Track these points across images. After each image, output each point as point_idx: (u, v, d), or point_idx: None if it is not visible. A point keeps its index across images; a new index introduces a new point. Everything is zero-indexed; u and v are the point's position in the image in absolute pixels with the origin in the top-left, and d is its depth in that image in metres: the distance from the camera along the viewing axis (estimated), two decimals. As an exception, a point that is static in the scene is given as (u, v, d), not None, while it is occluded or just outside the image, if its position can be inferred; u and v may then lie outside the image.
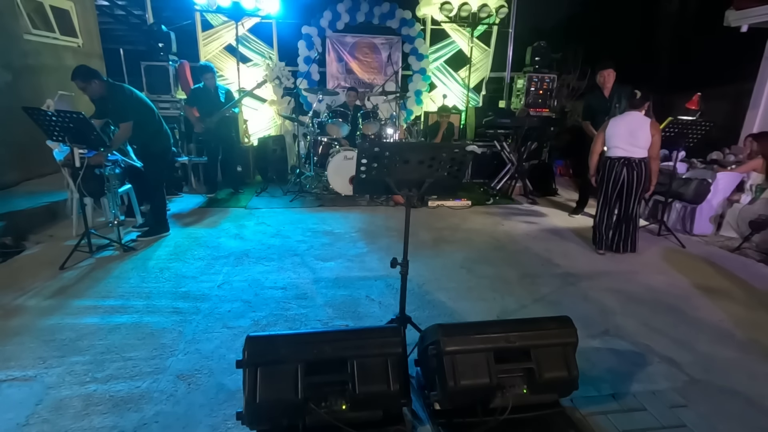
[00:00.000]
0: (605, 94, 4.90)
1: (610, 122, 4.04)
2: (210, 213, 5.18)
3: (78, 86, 3.68)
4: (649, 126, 3.88)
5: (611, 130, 4.00)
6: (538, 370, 1.86)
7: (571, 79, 8.44)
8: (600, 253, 4.17)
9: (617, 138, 3.96)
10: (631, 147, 3.91)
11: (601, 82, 4.90)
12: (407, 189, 2.18)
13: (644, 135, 3.87)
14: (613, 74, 4.85)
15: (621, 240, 4.15)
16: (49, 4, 6.03)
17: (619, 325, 2.89)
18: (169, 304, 3.01)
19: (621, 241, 4.15)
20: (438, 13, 7.37)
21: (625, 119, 3.96)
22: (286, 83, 7.26)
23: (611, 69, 4.85)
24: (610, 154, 4.04)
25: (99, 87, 3.69)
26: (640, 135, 3.88)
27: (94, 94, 3.77)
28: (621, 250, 4.15)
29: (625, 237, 4.14)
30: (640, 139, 3.88)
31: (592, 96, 5.14)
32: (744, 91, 6.43)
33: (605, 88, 4.89)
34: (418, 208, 5.53)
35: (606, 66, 4.87)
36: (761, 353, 2.62)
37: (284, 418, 1.74)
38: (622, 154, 3.96)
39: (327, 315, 2.92)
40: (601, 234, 4.19)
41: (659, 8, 9.36)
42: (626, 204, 4.06)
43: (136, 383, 2.20)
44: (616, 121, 4.01)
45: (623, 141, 3.93)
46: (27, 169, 5.49)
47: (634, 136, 3.89)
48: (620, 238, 4.15)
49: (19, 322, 2.72)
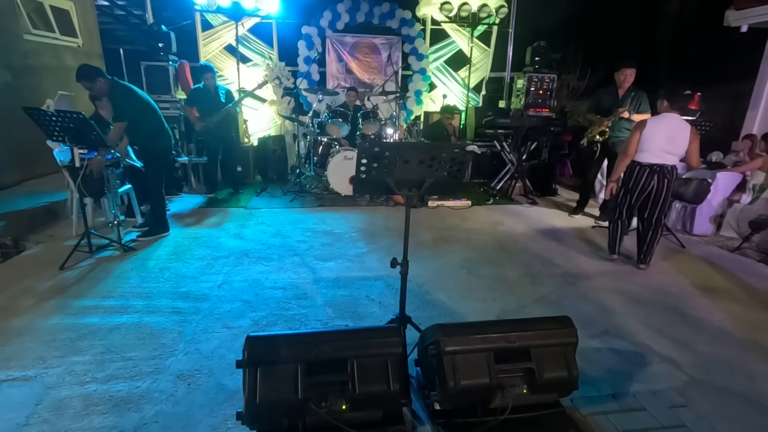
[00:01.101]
0: (619, 93, 4.75)
1: (648, 122, 3.61)
2: (210, 213, 5.18)
3: (84, 87, 3.70)
4: (689, 132, 3.48)
5: (650, 131, 3.55)
6: (538, 370, 1.86)
7: (571, 79, 8.44)
8: (613, 258, 3.96)
9: (653, 141, 3.53)
10: (666, 154, 3.54)
11: (621, 80, 4.70)
12: (407, 189, 2.18)
13: (683, 141, 3.48)
14: (634, 74, 4.67)
15: (643, 251, 3.81)
16: (49, 4, 6.03)
17: (619, 325, 2.88)
18: (169, 304, 3.01)
19: (643, 253, 3.81)
20: (438, 13, 7.37)
21: (664, 121, 3.53)
22: (286, 83, 7.26)
23: (634, 68, 4.65)
24: (640, 158, 3.64)
25: (104, 85, 3.70)
26: (678, 140, 3.49)
27: (100, 93, 3.78)
28: (640, 261, 3.83)
29: (647, 249, 3.79)
30: (677, 145, 3.51)
31: (604, 91, 4.95)
32: (744, 91, 6.43)
33: (621, 87, 4.73)
34: (418, 208, 5.53)
35: (629, 64, 4.66)
36: (761, 353, 2.62)
37: (284, 418, 1.74)
38: (654, 160, 3.57)
39: (327, 315, 2.92)
40: (616, 239, 3.94)
41: (659, 8, 9.36)
42: (651, 213, 3.71)
43: (136, 383, 2.20)
44: (655, 123, 3.57)
45: (659, 146, 3.53)
46: (27, 169, 5.49)
47: (672, 142, 3.49)
48: (641, 249, 3.83)
49: (19, 322, 2.72)
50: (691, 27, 8.40)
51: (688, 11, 8.90)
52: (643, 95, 4.71)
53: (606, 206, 5.22)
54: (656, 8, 9.27)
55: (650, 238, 3.77)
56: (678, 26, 9.01)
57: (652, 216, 3.71)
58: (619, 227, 3.93)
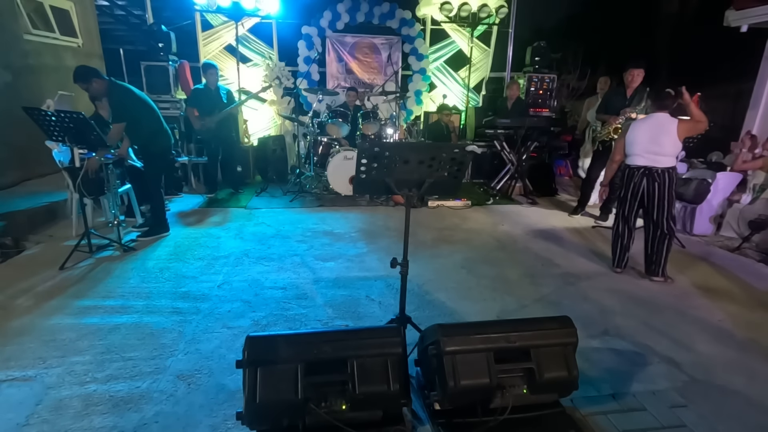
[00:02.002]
0: (627, 93, 4.75)
1: (630, 126, 3.58)
2: (210, 213, 5.18)
3: (81, 88, 3.70)
4: (675, 126, 3.35)
5: (631, 135, 3.53)
6: (538, 370, 1.86)
7: (571, 79, 8.45)
8: (617, 271, 3.74)
9: (637, 145, 3.48)
10: (653, 155, 3.44)
11: (629, 81, 4.69)
12: (407, 189, 2.18)
13: (670, 140, 3.37)
14: (642, 74, 4.66)
15: (653, 261, 3.58)
16: (49, 4, 6.03)
17: (619, 325, 2.88)
18: (169, 304, 3.01)
19: (652, 263, 3.58)
20: (438, 13, 7.37)
21: (646, 123, 3.49)
22: (286, 83, 7.26)
23: (642, 68, 4.62)
24: (629, 162, 3.58)
25: (100, 86, 3.70)
26: (664, 141, 3.38)
27: (97, 94, 3.78)
28: (650, 274, 3.59)
29: (655, 258, 3.55)
30: (663, 146, 3.38)
31: (615, 92, 4.98)
32: (744, 91, 6.44)
33: (630, 87, 4.72)
34: (418, 208, 5.53)
35: (637, 65, 4.64)
36: (761, 353, 2.62)
37: (284, 418, 1.74)
38: (642, 162, 3.49)
39: (327, 315, 2.92)
40: (616, 251, 3.74)
41: (659, 8, 9.37)
42: (649, 218, 3.54)
43: (136, 383, 2.20)
44: (636, 125, 3.54)
45: (643, 148, 3.46)
46: (27, 169, 5.49)
47: (657, 143, 3.40)
48: (646, 257, 3.63)
49: (19, 322, 2.72)
50: (691, 27, 8.40)
51: (688, 11, 8.91)
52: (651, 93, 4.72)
53: (606, 206, 5.23)
54: (656, 8, 9.28)
55: (654, 246, 3.55)
56: (678, 26, 9.01)
57: (650, 221, 3.55)
58: (620, 239, 3.71)
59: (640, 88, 4.73)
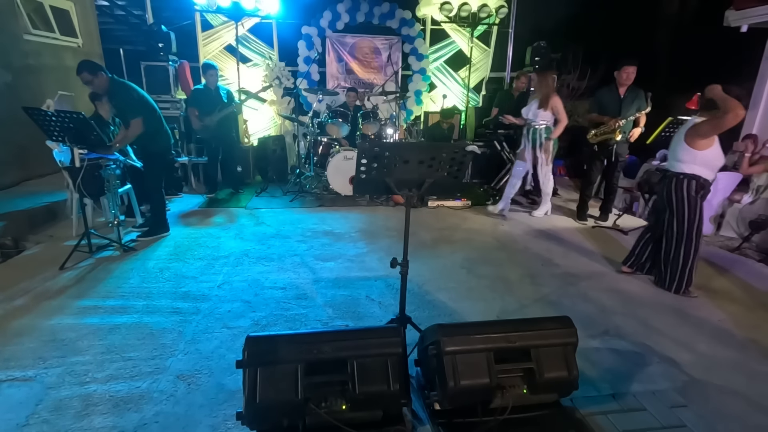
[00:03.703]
0: (620, 93, 4.71)
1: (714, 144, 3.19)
2: (210, 213, 5.18)
3: (84, 79, 3.66)
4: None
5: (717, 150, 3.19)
6: (538, 370, 1.86)
7: (571, 79, 8.44)
8: (624, 271, 3.69)
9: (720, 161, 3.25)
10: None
11: (623, 78, 4.63)
12: (407, 189, 2.18)
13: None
14: (635, 72, 4.61)
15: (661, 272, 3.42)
16: (49, 4, 6.03)
17: (619, 325, 2.88)
18: (169, 304, 3.01)
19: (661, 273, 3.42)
20: (438, 13, 7.37)
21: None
22: (286, 83, 7.26)
23: (635, 66, 4.58)
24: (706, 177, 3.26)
25: (105, 81, 3.71)
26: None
27: (100, 89, 3.79)
28: (659, 283, 3.45)
29: (667, 268, 3.36)
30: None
31: (606, 90, 4.88)
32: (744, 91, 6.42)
33: (623, 85, 4.67)
34: (418, 208, 5.53)
35: (630, 62, 4.60)
36: (761, 353, 2.62)
37: (284, 418, 1.74)
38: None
39: (327, 315, 2.92)
40: (634, 252, 3.65)
41: (659, 8, 9.37)
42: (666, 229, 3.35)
43: (136, 383, 2.20)
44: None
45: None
46: (27, 169, 5.49)
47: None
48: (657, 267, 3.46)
49: (19, 322, 2.72)
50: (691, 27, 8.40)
51: (688, 11, 8.90)
52: (641, 94, 4.70)
53: (606, 207, 5.22)
54: (656, 8, 9.28)
55: (663, 254, 3.38)
56: (678, 26, 9.01)
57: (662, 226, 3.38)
58: (644, 239, 3.59)
59: (632, 87, 4.69)
